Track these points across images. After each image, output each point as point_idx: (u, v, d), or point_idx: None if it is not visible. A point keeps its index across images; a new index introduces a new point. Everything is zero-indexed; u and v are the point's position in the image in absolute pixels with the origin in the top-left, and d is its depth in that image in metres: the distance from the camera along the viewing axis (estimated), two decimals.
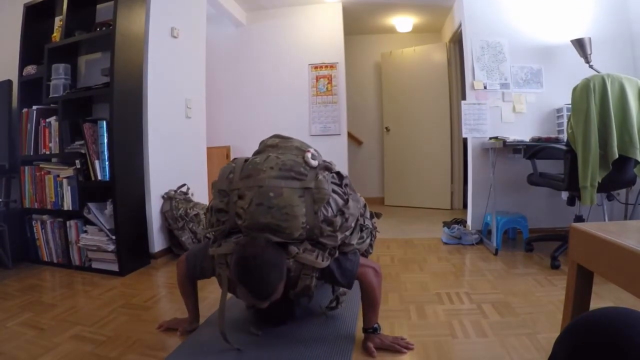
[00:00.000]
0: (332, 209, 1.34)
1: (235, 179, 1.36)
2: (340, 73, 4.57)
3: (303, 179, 1.31)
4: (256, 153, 1.50)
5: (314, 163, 1.36)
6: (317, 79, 4.60)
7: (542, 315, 1.77)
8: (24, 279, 2.53)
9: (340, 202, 1.38)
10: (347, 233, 1.38)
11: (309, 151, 1.40)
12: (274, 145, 1.50)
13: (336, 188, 1.40)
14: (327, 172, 1.37)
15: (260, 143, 1.61)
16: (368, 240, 1.60)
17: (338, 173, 1.46)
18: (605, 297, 1.84)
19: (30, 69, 2.85)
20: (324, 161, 1.44)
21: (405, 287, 2.21)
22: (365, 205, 1.70)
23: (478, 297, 2.02)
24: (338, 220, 1.33)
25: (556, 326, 1.59)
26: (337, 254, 1.38)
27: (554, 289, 2.10)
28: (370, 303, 1.51)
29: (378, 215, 2.84)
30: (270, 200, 1.27)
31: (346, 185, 1.46)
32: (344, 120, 4.59)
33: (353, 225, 1.41)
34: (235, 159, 1.47)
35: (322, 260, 1.32)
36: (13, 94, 3.00)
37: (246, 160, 1.42)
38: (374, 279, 1.49)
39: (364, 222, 1.59)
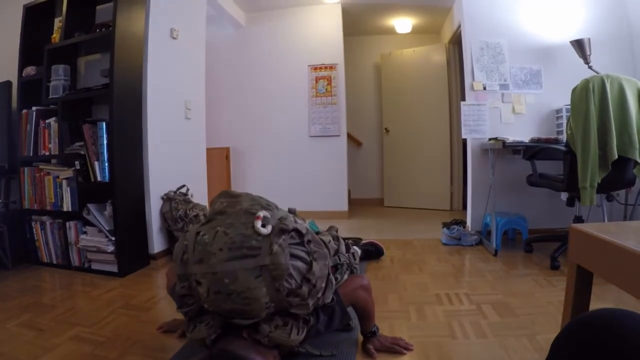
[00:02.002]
0: (295, 279, 1.20)
1: (189, 261, 1.21)
2: (340, 74, 4.58)
3: (256, 254, 1.17)
4: (207, 220, 1.32)
5: (266, 231, 1.19)
6: (317, 80, 4.61)
7: (542, 316, 1.77)
8: (24, 280, 2.53)
9: (303, 267, 1.24)
10: (319, 295, 1.28)
11: (258, 217, 1.22)
12: (222, 211, 1.30)
13: (297, 250, 1.25)
14: (283, 237, 1.21)
15: (211, 204, 1.44)
16: (346, 276, 1.51)
17: (297, 230, 1.28)
18: (605, 298, 1.84)
19: (30, 70, 2.85)
20: (280, 220, 1.25)
21: (405, 288, 2.21)
22: (337, 238, 1.65)
23: (477, 298, 2.02)
24: (305, 289, 1.22)
25: (556, 327, 1.59)
26: (312, 320, 1.32)
27: (554, 289, 2.10)
28: (365, 315, 1.51)
29: (357, 242, 2.80)
30: (227, 287, 1.15)
31: (309, 241, 1.29)
32: (343, 122, 4.60)
33: (324, 285, 1.30)
34: (187, 231, 1.33)
35: (298, 334, 1.25)
36: (13, 95, 3.00)
37: (198, 233, 1.25)
38: (365, 294, 1.47)
39: (339, 260, 1.52)
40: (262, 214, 1.23)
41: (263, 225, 1.21)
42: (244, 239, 1.18)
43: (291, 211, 1.44)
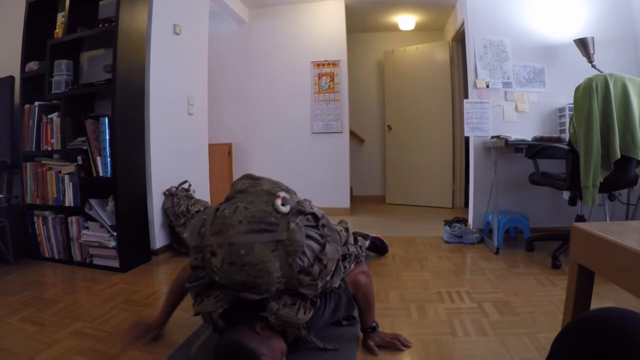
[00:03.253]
0: (307, 257, 1.24)
1: (206, 233, 1.27)
2: (343, 71, 4.57)
3: (274, 229, 1.23)
4: (227, 199, 1.40)
5: (285, 209, 1.27)
6: (320, 76, 4.60)
7: (543, 314, 1.77)
8: (25, 275, 2.54)
9: (317, 247, 1.28)
10: (328, 278, 1.32)
11: (279, 196, 1.30)
12: (243, 190, 1.39)
13: (311, 232, 1.29)
14: (300, 217, 1.27)
15: (232, 185, 1.51)
16: (352, 265, 1.55)
17: (313, 214, 1.34)
18: (607, 297, 1.84)
19: (33, 65, 2.85)
20: (298, 202, 1.33)
21: (406, 286, 2.21)
22: (347, 229, 1.68)
23: (479, 296, 2.02)
24: (316, 268, 1.25)
25: (557, 326, 1.59)
26: (319, 302, 1.34)
27: (555, 288, 2.10)
28: (366, 305, 1.52)
29: (365, 237, 2.84)
30: (242, 258, 1.20)
31: (323, 225, 1.34)
32: (346, 118, 4.59)
33: (333, 268, 1.35)
34: (206, 208, 1.36)
35: (305, 314, 1.27)
36: (15, 90, 3.01)
37: (217, 209, 1.33)
38: (366, 279, 1.51)
39: (348, 250, 1.55)
40: (282, 194, 1.32)
41: (283, 205, 1.28)
42: (263, 214, 1.26)
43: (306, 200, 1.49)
